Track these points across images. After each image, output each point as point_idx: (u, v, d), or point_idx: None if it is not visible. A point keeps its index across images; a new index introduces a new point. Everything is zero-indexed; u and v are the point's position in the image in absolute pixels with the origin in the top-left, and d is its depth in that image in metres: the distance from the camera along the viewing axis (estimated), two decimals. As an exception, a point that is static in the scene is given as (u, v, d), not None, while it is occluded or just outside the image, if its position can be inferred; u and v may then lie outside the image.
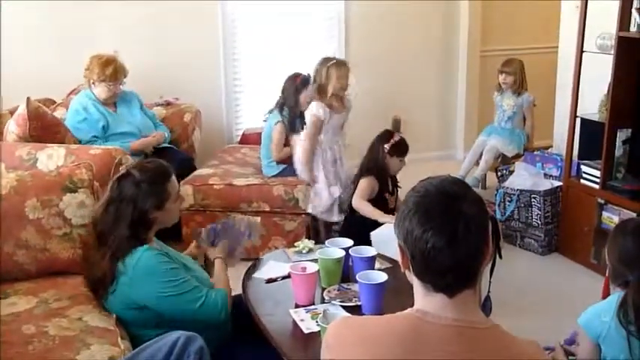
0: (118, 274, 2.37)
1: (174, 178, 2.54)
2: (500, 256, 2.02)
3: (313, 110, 4.15)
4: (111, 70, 4.29)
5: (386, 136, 3.85)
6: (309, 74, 4.58)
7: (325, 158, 4.21)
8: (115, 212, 2.41)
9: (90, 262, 2.48)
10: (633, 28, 3.68)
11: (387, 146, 3.78)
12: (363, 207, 3.74)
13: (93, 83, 4.32)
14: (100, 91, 4.33)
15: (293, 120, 4.42)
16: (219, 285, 2.55)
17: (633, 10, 3.66)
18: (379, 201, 3.78)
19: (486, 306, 2.23)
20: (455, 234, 1.35)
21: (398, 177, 3.98)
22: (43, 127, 3.88)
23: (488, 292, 2.62)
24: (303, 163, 4.17)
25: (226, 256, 2.72)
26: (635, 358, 2.10)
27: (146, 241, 2.45)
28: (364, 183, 3.79)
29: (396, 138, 3.82)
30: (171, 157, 4.39)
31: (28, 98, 3.85)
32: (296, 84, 4.50)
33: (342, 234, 3.80)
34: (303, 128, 4.39)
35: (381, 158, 3.79)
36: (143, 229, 2.44)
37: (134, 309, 2.41)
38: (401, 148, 3.82)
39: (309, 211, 4.14)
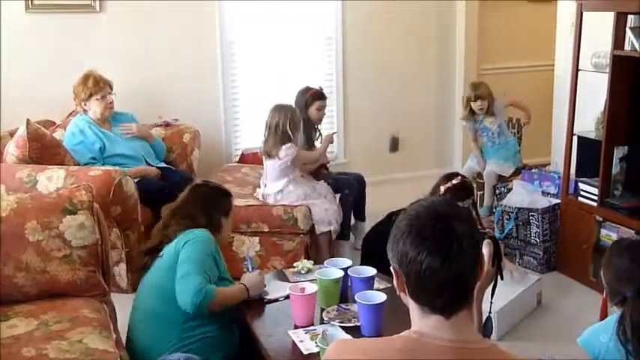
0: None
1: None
2: (502, 277, 2.02)
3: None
4: (91, 81, 4.32)
5: (446, 177, 3.59)
6: (320, 87, 4.64)
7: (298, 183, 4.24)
8: (193, 207, 2.77)
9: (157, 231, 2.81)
10: (628, 47, 3.71)
11: (442, 188, 3.52)
12: None
13: (85, 105, 4.34)
14: (94, 108, 4.33)
15: (307, 134, 4.49)
16: (221, 290, 2.57)
17: (627, 29, 3.69)
18: None
19: (487, 326, 2.23)
20: (448, 253, 1.37)
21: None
22: (43, 149, 3.90)
23: (490, 312, 2.62)
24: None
25: (255, 289, 2.72)
26: None
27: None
28: None
29: (455, 181, 3.51)
30: (171, 177, 4.41)
31: (27, 120, 3.88)
32: (306, 98, 4.55)
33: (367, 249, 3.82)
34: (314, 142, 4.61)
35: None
36: (213, 229, 2.73)
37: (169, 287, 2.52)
38: (457, 193, 3.45)
39: (322, 230, 4.14)
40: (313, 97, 4.60)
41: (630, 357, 2.10)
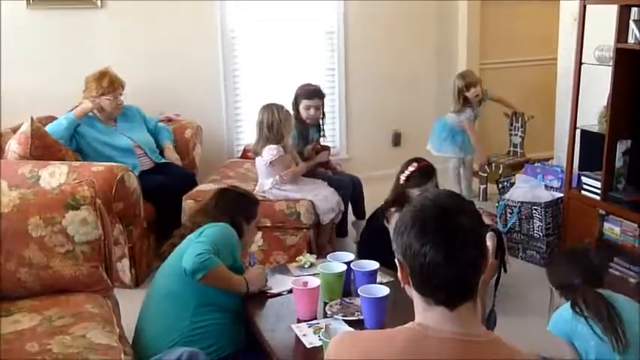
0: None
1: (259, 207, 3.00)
2: (506, 270, 2.03)
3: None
4: (106, 81, 4.32)
5: (405, 164, 3.63)
6: (318, 86, 4.61)
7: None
8: (214, 213, 2.81)
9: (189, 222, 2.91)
10: (631, 40, 3.69)
11: (402, 177, 3.58)
12: None
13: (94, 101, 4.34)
14: (104, 105, 4.34)
15: (301, 132, 4.45)
16: (225, 268, 2.59)
17: (631, 22, 3.67)
18: None
19: (491, 319, 2.24)
20: (453, 247, 1.37)
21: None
22: (44, 147, 3.90)
23: (493, 305, 2.62)
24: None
25: (254, 283, 2.71)
26: (601, 338, 2.33)
27: None
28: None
29: (411, 168, 3.56)
30: (173, 173, 4.42)
31: (31, 117, 3.88)
32: (295, 95, 4.51)
33: (362, 247, 3.80)
34: (314, 139, 4.57)
35: (400, 190, 3.58)
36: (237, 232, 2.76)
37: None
38: (416, 179, 3.53)
39: (330, 217, 4.14)
40: (302, 95, 4.49)
41: (590, 322, 2.36)
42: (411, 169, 3.57)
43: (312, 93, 4.50)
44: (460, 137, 5.33)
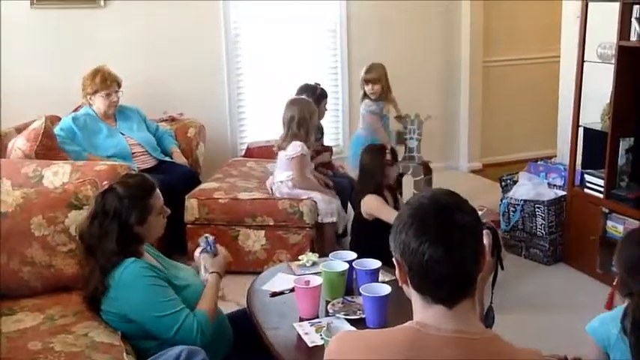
0: (108, 287, 2.37)
1: (157, 191, 2.51)
2: (502, 267, 2.03)
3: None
4: (99, 78, 4.35)
5: (378, 149, 3.87)
6: (317, 83, 4.64)
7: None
8: (100, 226, 2.39)
9: (85, 278, 2.48)
10: (633, 37, 3.69)
11: (388, 156, 3.81)
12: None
13: (90, 99, 4.36)
14: (98, 103, 4.36)
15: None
16: (203, 304, 2.44)
17: (633, 20, 3.67)
18: (381, 221, 3.59)
19: (489, 317, 2.23)
20: (450, 244, 1.37)
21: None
22: (50, 148, 3.91)
23: (491, 302, 2.62)
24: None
25: (224, 270, 2.63)
26: None
27: (136, 253, 2.43)
28: (372, 200, 3.70)
29: (388, 147, 3.89)
30: (176, 172, 4.42)
31: (45, 117, 3.89)
32: (317, 96, 4.54)
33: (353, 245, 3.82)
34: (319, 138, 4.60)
35: (379, 171, 3.76)
36: (131, 243, 2.42)
37: (126, 322, 2.40)
38: (394, 155, 3.90)
39: (326, 221, 4.15)
40: (323, 95, 4.61)
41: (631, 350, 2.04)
42: (388, 147, 3.88)
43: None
44: None
